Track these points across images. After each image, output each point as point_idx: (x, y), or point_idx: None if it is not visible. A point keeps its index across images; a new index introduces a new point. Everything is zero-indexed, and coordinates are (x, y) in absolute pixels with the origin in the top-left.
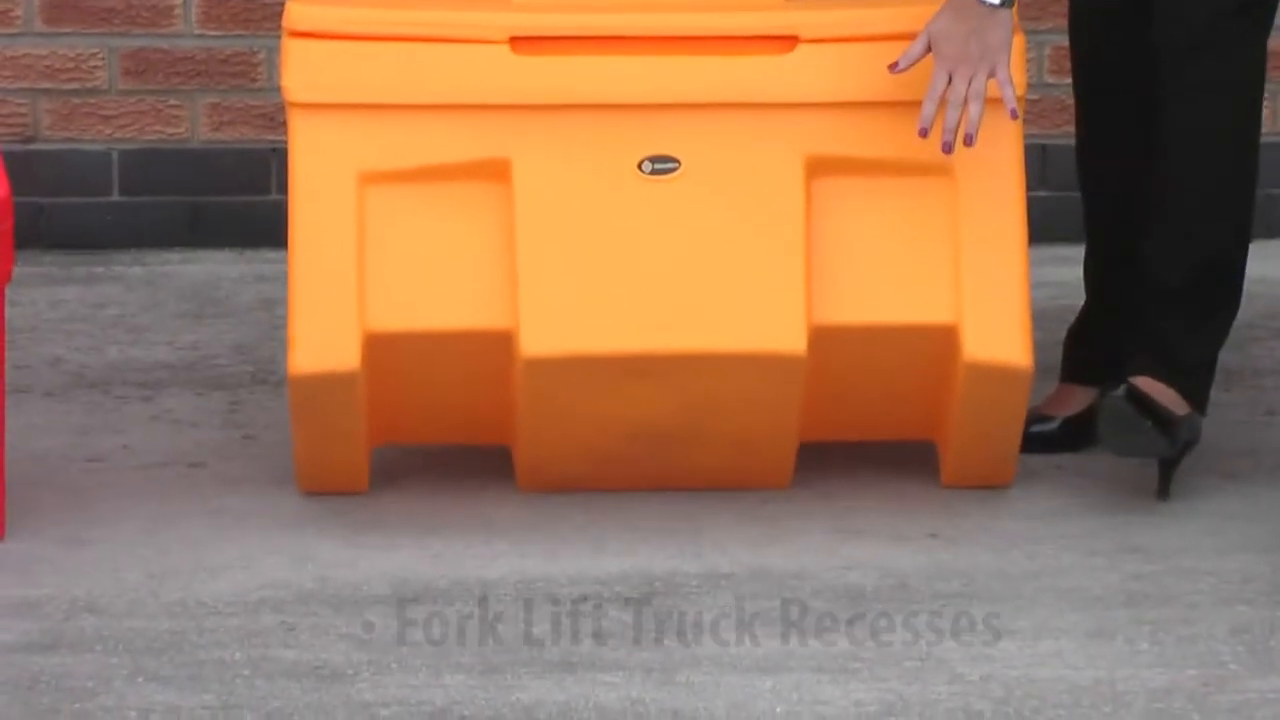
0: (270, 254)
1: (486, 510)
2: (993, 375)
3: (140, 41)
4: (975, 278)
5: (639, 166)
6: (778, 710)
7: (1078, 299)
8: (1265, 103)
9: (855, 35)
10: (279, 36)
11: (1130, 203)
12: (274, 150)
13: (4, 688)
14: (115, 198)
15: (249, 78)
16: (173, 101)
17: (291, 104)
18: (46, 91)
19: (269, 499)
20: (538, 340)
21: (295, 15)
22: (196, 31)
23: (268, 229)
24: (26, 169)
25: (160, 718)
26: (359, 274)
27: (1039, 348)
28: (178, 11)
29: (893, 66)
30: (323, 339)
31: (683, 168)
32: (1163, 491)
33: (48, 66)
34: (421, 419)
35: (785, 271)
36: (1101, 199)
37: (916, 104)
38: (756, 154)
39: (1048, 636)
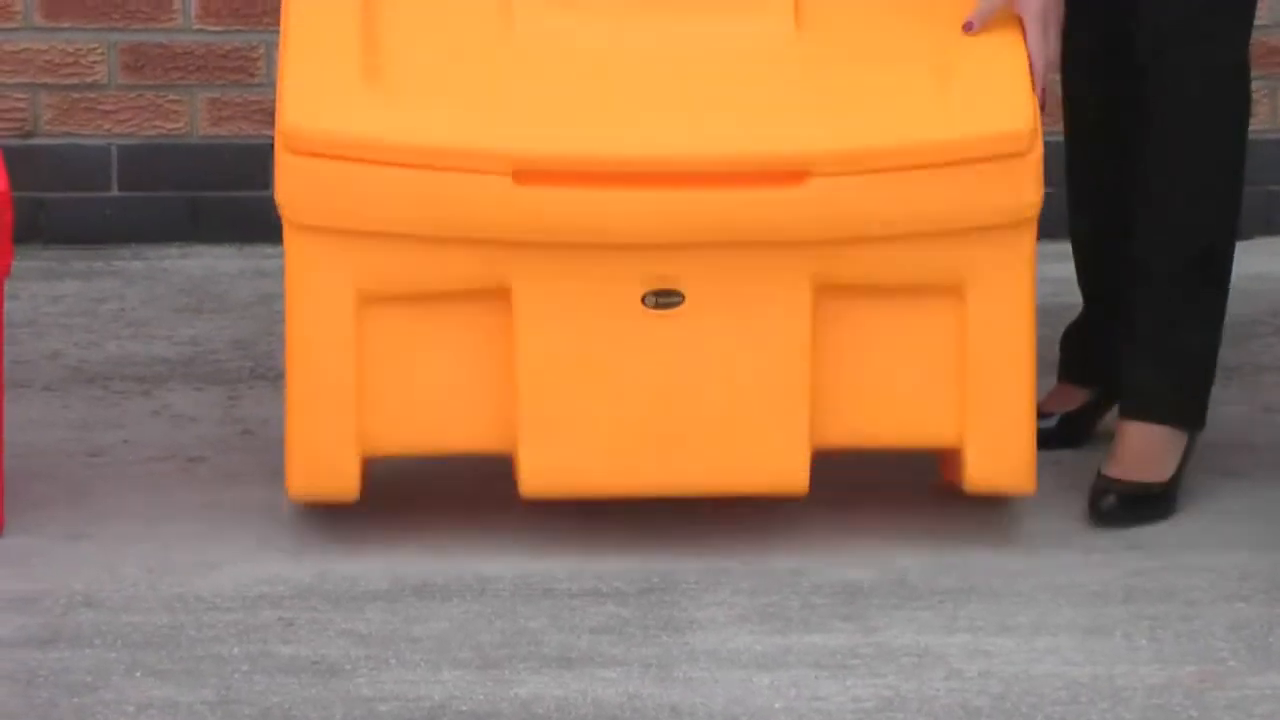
0: (269, 249)
1: (485, 505)
2: (995, 498)
3: (139, 36)
4: (981, 400)
5: (642, 300)
6: (776, 706)
7: (1078, 295)
8: (1264, 98)
9: (868, 168)
10: (277, 32)
11: (1119, 201)
12: (272, 145)
13: (3, 682)
14: (114, 193)
15: (248, 73)
16: (172, 97)
17: (288, 221)
18: (46, 86)
19: (268, 494)
20: (537, 480)
21: (292, 132)
22: (195, 26)
23: (266, 224)
24: (26, 164)
25: (158, 712)
26: (357, 396)
27: (1041, 343)
28: (176, 6)
29: (967, 26)
30: (319, 464)
31: (687, 301)
32: None
33: (47, 61)
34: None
35: (789, 407)
36: (1090, 199)
37: (929, 233)
38: (763, 286)
39: (1046, 633)
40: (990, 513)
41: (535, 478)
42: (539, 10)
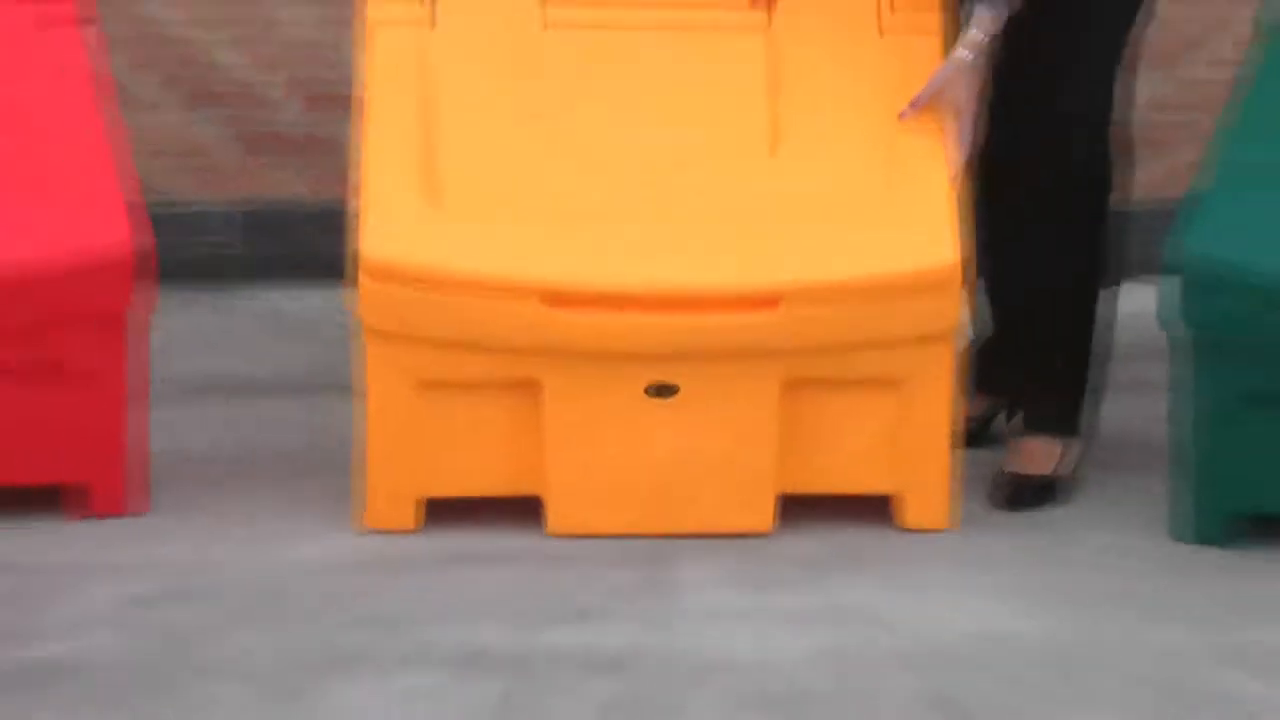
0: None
1: (524, 500)
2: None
3: (256, 123)
4: (909, 462)
5: (645, 391)
6: (748, 653)
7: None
8: (1133, 175)
9: (825, 298)
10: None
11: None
12: (354, 211)
13: (137, 629)
14: (236, 248)
15: (339, 155)
16: (281, 172)
17: (365, 328)
18: (183, 162)
19: (338, 484)
20: (560, 523)
21: (368, 262)
22: (299, 117)
23: (347, 272)
24: (163, 221)
25: (257, 655)
26: (417, 456)
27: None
28: (286, 100)
29: (902, 115)
30: (387, 507)
31: (680, 393)
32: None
33: (185, 141)
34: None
35: (758, 470)
36: (999, 254)
37: (874, 345)
38: (742, 383)
39: (967, 595)
40: None
41: (559, 522)
42: (563, 158)
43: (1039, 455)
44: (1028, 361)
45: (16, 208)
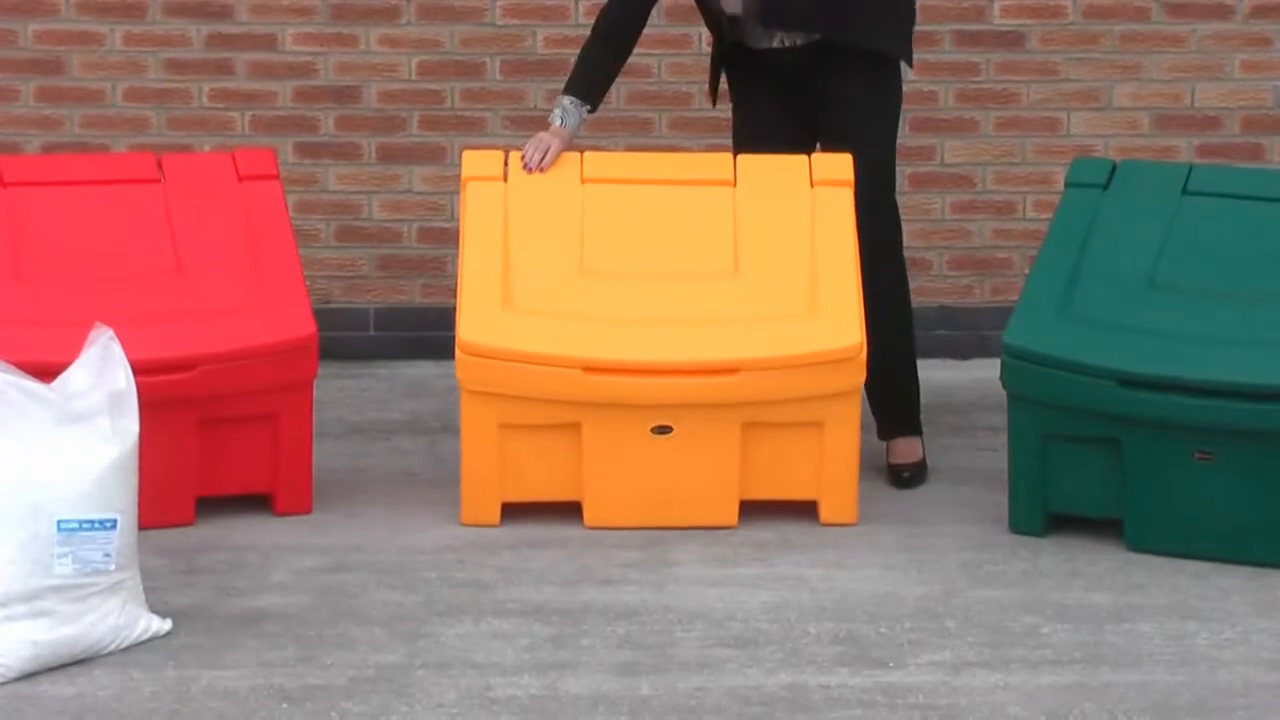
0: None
1: (569, 509)
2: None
3: (386, 251)
4: (827, 477)
5: (650, 430)
6: (720, 606)
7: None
8: (976, 284)
9: (771, 367)
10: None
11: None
12: (453, 310)
13: (309, 590)
14: (371, 333)
15: (444, 273)
16: (402, 283)
17: (462, 387)
18: (336, 277)
19: (450, 494)
20: (594, 518)
21: (464, 344)
22: (416, 247)
23: (452, 352)
24: (326, 317)
25: (391, 607)
26: (498, 473)
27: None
28: (406, 234)
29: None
30: (478, 508)
31: (674, 432)
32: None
33: (336, 264)
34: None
35: (726, 483)
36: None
37: (804, 399)
38: (714, 426)
39: (864, 568)
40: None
41: (593, 518)
42: (595, 274)
43: (913, 447)
44: (895, 386)
45: (239, 311)
